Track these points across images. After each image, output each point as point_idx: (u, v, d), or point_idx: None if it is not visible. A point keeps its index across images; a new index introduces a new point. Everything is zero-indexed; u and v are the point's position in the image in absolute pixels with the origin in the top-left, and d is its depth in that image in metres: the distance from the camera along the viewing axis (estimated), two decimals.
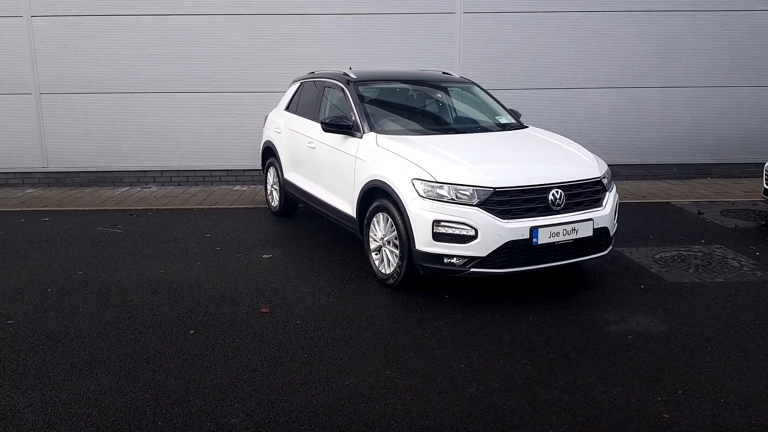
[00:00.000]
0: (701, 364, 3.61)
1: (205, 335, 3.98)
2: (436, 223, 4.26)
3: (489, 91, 6.34)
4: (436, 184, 4.32)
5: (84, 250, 5.83)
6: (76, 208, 7.61)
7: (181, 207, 7.66)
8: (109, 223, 6.87)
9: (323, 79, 6.22)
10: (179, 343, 3.86)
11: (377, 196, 4.79)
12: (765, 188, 6.66)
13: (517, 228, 4.22)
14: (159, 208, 7.62)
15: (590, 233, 4.48)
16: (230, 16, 8.58)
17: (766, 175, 6.65)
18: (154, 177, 9.05)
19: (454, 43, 8.80)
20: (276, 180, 6.94)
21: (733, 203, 7.70)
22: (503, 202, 4.27)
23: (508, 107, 6.14)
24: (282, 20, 8.62)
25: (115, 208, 7.65)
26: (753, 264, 5.36)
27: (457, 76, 6.41)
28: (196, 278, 5.04)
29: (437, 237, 4.27)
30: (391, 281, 4.70)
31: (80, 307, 4.47)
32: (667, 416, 3.09)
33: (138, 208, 7.62)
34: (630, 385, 3.38)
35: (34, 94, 8.73)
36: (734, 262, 5.42)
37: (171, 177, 9.06)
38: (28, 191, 8.73)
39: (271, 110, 7.33)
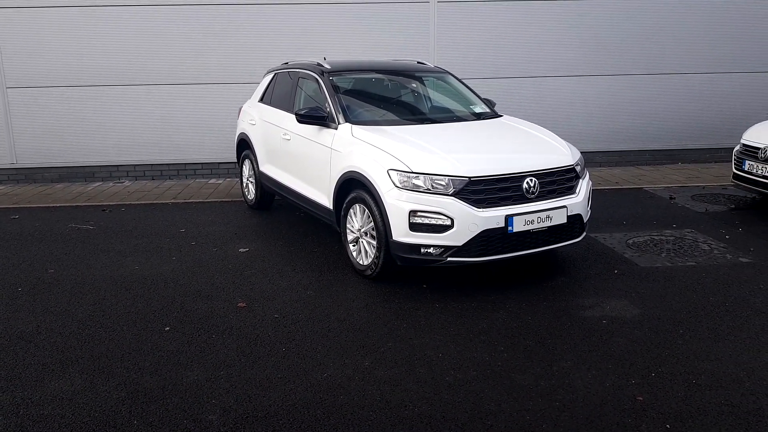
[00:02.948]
0: (673, 347, 3.68)
1: (181, 331, 3.94)
2: (413, 213, 4.26)
3: (463, 81, 6.35)
4: (412, 174, 4.32)
5: (55, 248, 5.72)
6: (47, 205, 7.46)
7: (155, 201, 7.55)
8: (81, 219, 6.74)
9: (297, 70, 6.17)
10: (154, 340, 3.82)
11: (353, 188, 4.78)
12: (734, 172, 6.79)
13: (493, 216, 4.24)
14: (132, 203, 7.50)
15: (564, 220, 4.53)
16: (200, 6, 8.44)
17: (734, 159, 6.78)
18: (127, 171, 8.90)
19: (429, 33, 8.79)
20: (251, 173, 6.88)
21: (704, 188, 7.84)
22: (478, 191, 4.29)
23: (482, 96, 6.16)
24: (254, 10, 8.51)
25: (87, 204, 7.51)
26: (723, 247, 5.48)
27: (432, 66, 6.40)
28: (171, 274, 4.99)
29: (414, 227, 4.28)
30: (368, 272, 4.70)
31: (52, 306, 4.38)
32: (640, 398, 3.14)
33: (111, 203, 7.49)
34: (605, 369, 3.44)
35: None
36: (705, 245, 5.53)
37: (144, 171, 8.92)
38: None
39: (245, 102, 7.26)
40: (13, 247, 5.75)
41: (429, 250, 4.29)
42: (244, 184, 7.18)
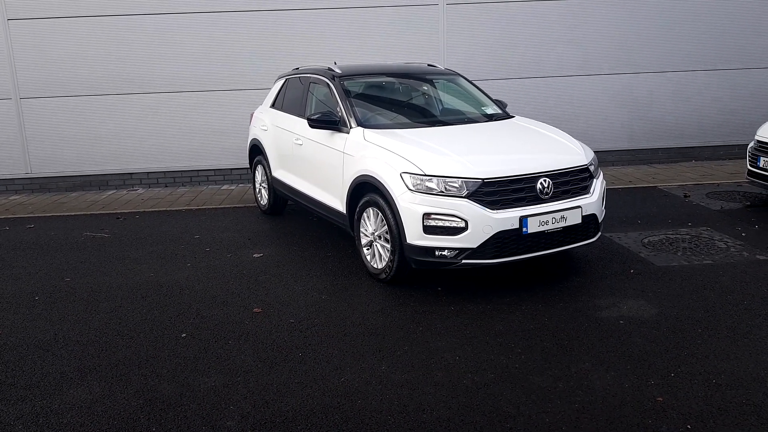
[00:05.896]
0: (692, 346, 3.64)
1: (198, 338, 3.95)
2: (426, 216, 4.25)
3: (474, 82, 6.34)
4: (425, 177, 4.31)
5: (71, 256, 5.76)
6: (62, 214, 7.53)
7: (168, 208, 7.59)
8: (95, 227, 6.80)
9: (308, 75, 6.18)
10: (171, 347, 3.84)
11: (367, 191, 4.78)
12: (749, 169, 6.72)
13: (507, 218, 4.22)
14: (146, 210, 7.55)
15: (579, 220, 4.50)
16: (211, 14, 8.49)
17: (749, 156, 6.71)
18: (140, 179, 8.97)
19: (439, 35, 8.78)
20: (264, 178, 6.90)
21: (719, 185, 7.76)
22: (492, 192, 4.27)
23: (494, 97, 6.15)
24: (264, 17, 8.55)
25: (101, 212, 7.57)
26: (740, 245, 5.42)
27: (443, 68, 6.39)
28: (187, 280, 5.01)
29: (428, 230, 4.27)
30: (383, 276, 4.70)
31: (69, 314, 4.42)
32: (660, 399, 3.11)
33: (125, 211, 7.55)
34: (623, 369, 3.41)
35: (14, 98, 8.60)
36: (721, 243, 5.47)
37: (157, 178, 8.98)
38: (11, 198, 8.62)
39: (256, 108, 7.28)
40: (29, 257, 5.80)
41: (443, 253, 4.28)
42: (257, 190, 7.20)
